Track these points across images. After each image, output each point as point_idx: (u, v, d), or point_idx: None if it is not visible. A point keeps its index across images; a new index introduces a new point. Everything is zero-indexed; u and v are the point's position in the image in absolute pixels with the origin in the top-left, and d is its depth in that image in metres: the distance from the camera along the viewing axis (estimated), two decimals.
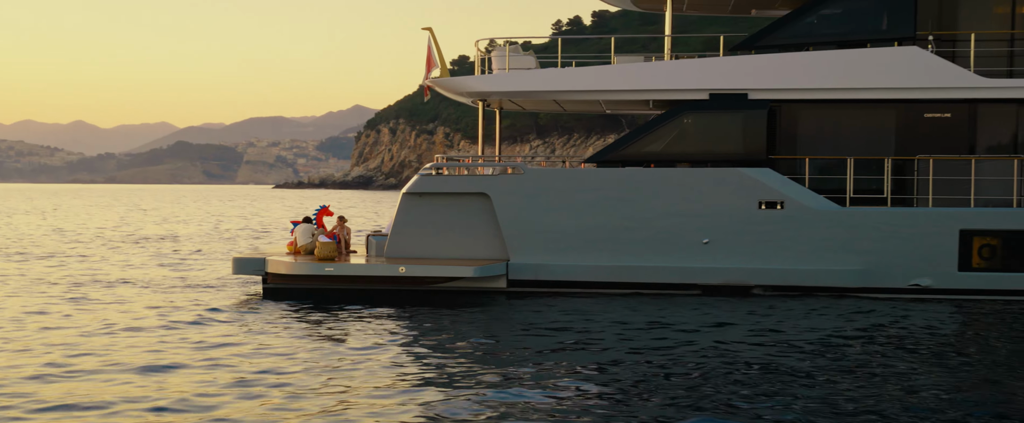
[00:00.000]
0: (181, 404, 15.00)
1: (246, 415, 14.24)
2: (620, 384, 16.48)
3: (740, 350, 19.64)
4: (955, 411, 14.72)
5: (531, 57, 30.37)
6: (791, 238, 27.89)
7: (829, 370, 17.69)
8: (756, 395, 15.68)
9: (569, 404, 14.97)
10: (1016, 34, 28.62)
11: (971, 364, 18.40)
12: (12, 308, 25.70)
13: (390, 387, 16.15)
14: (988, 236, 27.59)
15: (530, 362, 18.23)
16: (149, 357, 18.76)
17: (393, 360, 18.45)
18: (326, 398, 15.29)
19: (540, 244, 28.61)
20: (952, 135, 28.51)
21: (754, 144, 28.43)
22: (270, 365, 17.96)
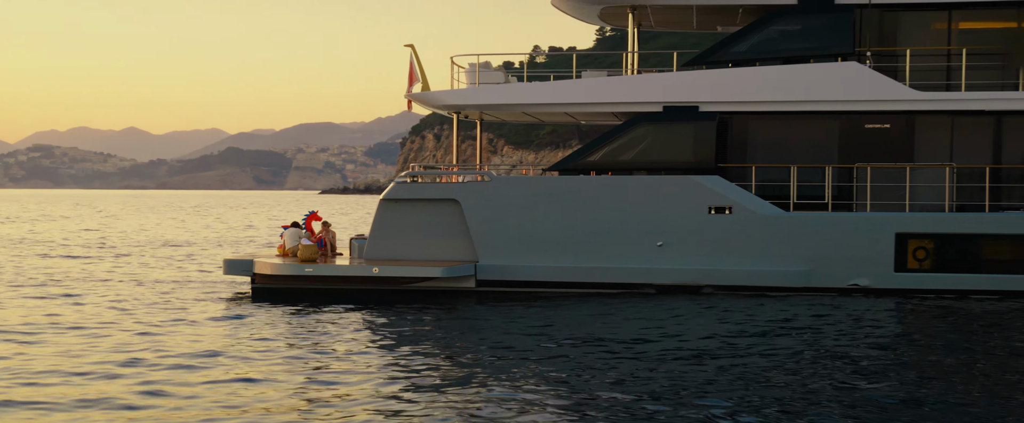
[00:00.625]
0: (161, 387, 17.17)
1: (217, 402, 16.10)
2: (582, 379, 17.77)
3: (701, 347, 21.27)
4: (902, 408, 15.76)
5: (501, 72, 32.56)
6: (739, 241, 29.92)
7: (780, 368, 18.93)
8: (712, 391, 16.70)
9: (530, 398, 16.29)
10: (952, 50, 30.51)
11: (910, 361, 19.92)
12: (14, 302, 28.17)
13: (355, 374, 17.95)
14: (922, 239, 29.50)
15: (492, 358, 19.85)
16: (138, 345, 21.06)
17: (361, 352, 20.21)
18: (297, 391, 16.78)
19: (506, 247, 30.79)
20: (891, 145, 30.45)
21: (704, 153, 30.49)
22: (244, 354, 20.17)
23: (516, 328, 23.75)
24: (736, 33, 31.08)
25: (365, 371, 18.41)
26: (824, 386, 17.13)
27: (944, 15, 30.68)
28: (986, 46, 30.64)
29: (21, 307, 27.75)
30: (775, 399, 16.30)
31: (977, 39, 30.75)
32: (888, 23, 30.79)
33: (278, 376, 17.91)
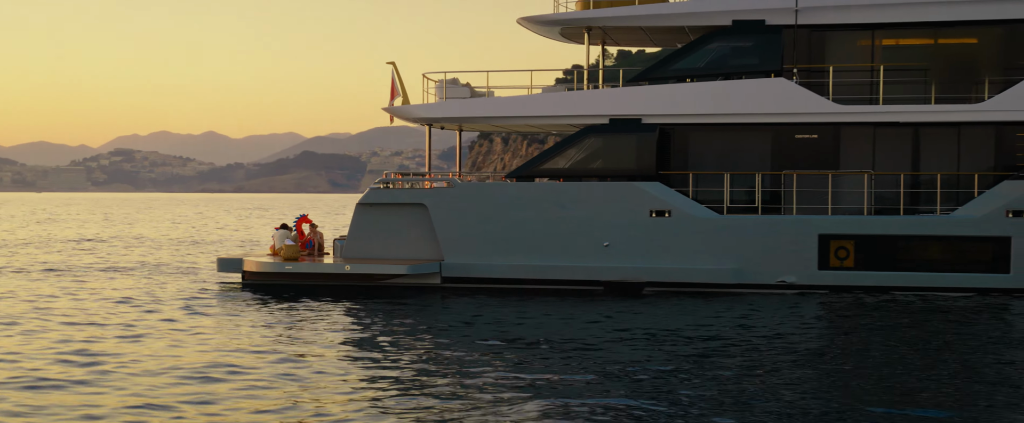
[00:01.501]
0: (149, 366, 20.50)
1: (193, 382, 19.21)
2: (537, 371, 19.07)
3: (643, 343, 23.17)
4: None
5: (466, 88, 35.79)
6: (677, 242, 32.91)
7: (725, 365, 20.07)
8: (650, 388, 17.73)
9: (487, 387, 17.55)
10: (875, 66, 33.28)
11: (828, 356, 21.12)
12: (25, 291, 31.80)
13: (323, 360, 20.72)
14: (843, 240, 32.32)
15: (442, 345, 22.16)
16: (125, 331, 24.51)
17: (330, 339, 22.92)
18: (272, 378, 18.74)
19: (469, 247, 34.02)
20: (819, 153, 33.28)
21: (645, 161, 33.51)
22: (218, 343, 23.51)
23: (468, 319, 26.73)
24: (677, 51, 34.05)
25: (327, 356, 20.97)
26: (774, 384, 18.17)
27: (868, 33, 33.44)
28: (906, 63, 33.33)
29: (17, 296, 31.31)
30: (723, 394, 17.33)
31: (898, 56, 33.46)
32: (816, 42, 33.59)
33: (249, 361, 20.50)
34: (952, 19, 32.76)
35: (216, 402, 16.60)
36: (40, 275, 39.42)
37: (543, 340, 22.92)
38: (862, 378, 18.55)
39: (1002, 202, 31.59)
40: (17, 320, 26.24)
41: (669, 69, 33.98)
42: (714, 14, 33.75)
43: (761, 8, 33.46)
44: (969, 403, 16.57)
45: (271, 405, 16.36)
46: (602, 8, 34.68)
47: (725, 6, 33.67)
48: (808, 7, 33.22)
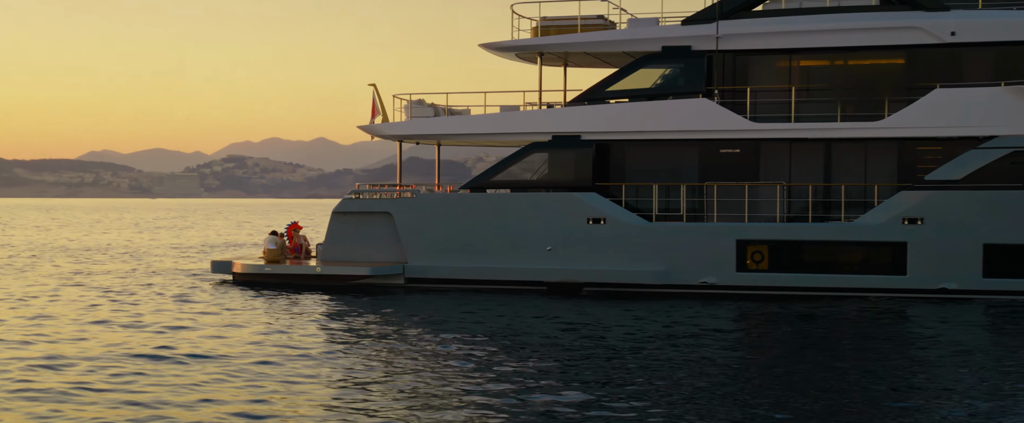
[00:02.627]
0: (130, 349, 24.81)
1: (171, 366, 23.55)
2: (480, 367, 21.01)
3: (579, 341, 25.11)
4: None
5: (431, 108, 39.85)
6: (611, 246, 36.62)
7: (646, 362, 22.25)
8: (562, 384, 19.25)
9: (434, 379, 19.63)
10: (789, 87, 36.64)
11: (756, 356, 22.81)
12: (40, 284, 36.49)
13: (288, 348, 24.92)
14: (758, 244, 35.78)
15: (407, 341, 24.24)
16: (118, 320, 28.91)
17: (297, 329, 26.66)
18: (245, 364, 21.16)
19: (429, 251, 38.06)
20: (740, 166, 36.76)
21: (583, 174, 37.27)
22: (194, 335, 27.80)
23: (416, 313, 30.64)
24: (613, 74, 37.72)
25: (296, 344, 24.97)
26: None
27: (786, 57, 36.82)
28: (819, 84, 36.66)
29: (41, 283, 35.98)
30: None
31: (812, 77, 36.79)
32: (740, 65, 37.06)
33: (231, 350, 24.77)
34: (860, 44, 35.99)
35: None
36: (69, 275, 44.18)
37: (489, 333, 26.05)
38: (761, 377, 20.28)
39: (899, 210, 34.79)
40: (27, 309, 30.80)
41: (605, 90, 37.67)
42: (646, 41, 37.39)
43: (687, 35, 37.03)
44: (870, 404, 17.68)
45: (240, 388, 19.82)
46: (550, 36, 38.47)
47: (655, 34, 37.30)
48: (728, 34, 36.70)
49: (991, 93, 34.42)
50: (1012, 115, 34.26)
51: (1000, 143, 34.32)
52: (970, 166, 34.44)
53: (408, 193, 38.86)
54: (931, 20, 35.31)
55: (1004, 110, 34.33)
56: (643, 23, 37.99)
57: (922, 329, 27.05)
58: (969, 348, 23.53)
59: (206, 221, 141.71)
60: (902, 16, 35.63)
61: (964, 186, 34.45)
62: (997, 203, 34.13)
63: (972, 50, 35.30)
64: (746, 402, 17.37)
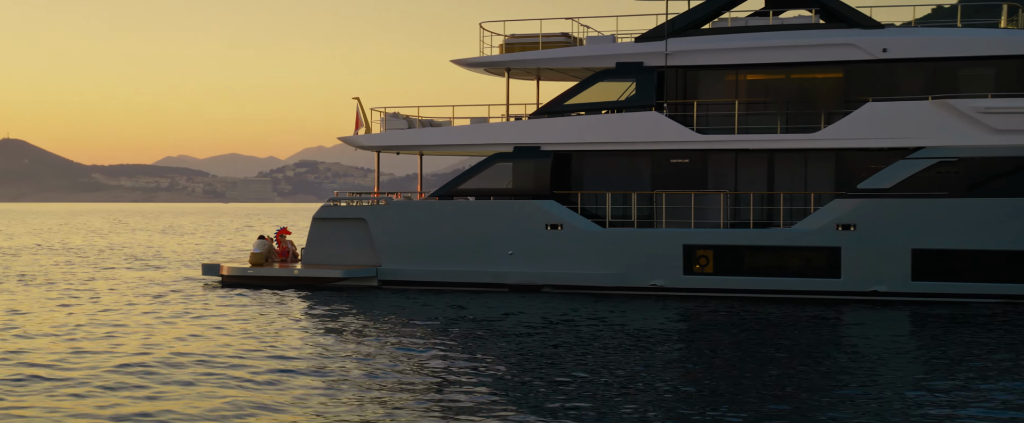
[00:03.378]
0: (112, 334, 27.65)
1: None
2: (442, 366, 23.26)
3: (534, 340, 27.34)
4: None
5: (404, 120, 42.44)
6: (568, 250, 39.00)
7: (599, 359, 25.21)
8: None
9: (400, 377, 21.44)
10: (733, 101, 38.79)
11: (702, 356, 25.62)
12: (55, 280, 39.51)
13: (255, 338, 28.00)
14: (703, 249, 37.98)
15: (375, 338, 28.42)
16: (110, 319, 31.79)
17: (271, 323, 29.94)
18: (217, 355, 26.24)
19: (400, 254, 40.66)
20: (689, 175, 38.98)
21: (542, 183, 39.68)
22: (176, 329, 30.64)
23: (382, 311, 33.28)
24: (571, 88, 40.08)
25: (267, 336, 28.20)
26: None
27: (732, 72, 38.98)
28: (762, 97, 38.77)
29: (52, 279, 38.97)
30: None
31: (757, 91, 38.90)
32: (690, 79, 39.27)
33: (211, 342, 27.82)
34: (801, 60, 38.08)
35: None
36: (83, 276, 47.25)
37: (449, 330, 28.33)
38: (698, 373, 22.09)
39: (833, 217, 36.85)
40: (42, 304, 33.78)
41: (563, 104, 40.06)
42: (602, 57, 39.73)
43: (640, 52, 39.32)
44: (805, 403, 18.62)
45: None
46: (515, 52, 40.92)
47: (610, 50, 39.62)
48: (677, 51, 38.95)
49: (919, 107, 36.37)
50: (938, 127, 36.18)
51: (927, 154, 36.24)
52: (899, 175, 36.40)
53: (382, 201, 41.44)
54: (865, 37, 37.31)
55: (931, 123, 36.26)
56: (600, 40, 40.32)
57: (853, 329, 28.91)
58: (896, 348, 25.21)
59: (261, 227, 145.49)
60: (839, 34, 37.67)
61: (893, 194, 36.42)
62: (924, 210, 36.07)
63: (904, 66, 37.25)
64: (688, 397, 18.60)
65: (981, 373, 21.16)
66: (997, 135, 35.68)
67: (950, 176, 36.01)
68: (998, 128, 35.56)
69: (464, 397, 18.46)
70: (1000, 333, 27.83)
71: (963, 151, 35.90)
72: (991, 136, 35.73)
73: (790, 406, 17.66)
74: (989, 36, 36.54)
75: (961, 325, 29.61)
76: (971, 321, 30.55)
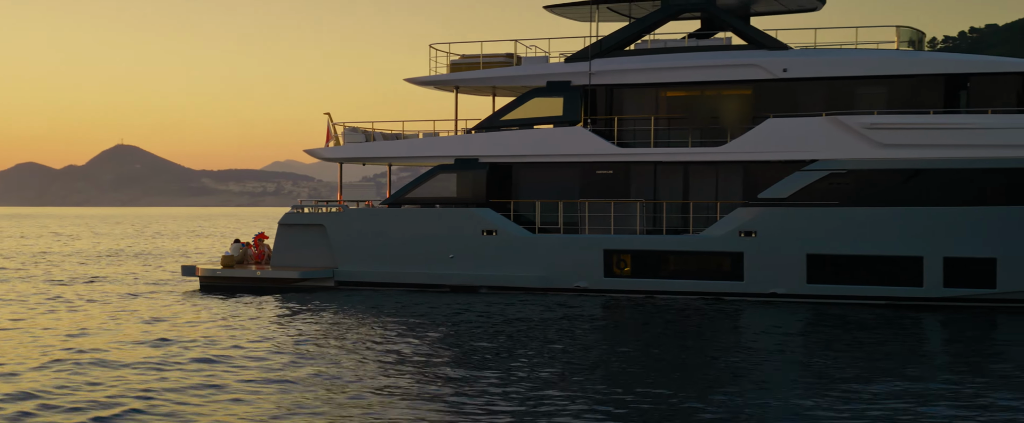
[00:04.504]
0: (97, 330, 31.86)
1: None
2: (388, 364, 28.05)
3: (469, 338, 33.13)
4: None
5: (361, 134, 46.24)
6: (502, 254, 42.48)
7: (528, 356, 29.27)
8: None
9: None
10: (650, 117, 41.95)
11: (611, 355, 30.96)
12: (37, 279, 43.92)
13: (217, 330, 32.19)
14: (622, 254, 41.23)
15: (332, 335, 33.21)
16: (98, 316, 36.07)
17: (234, 321, 34.38)
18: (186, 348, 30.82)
19: (355, 257, 44.47)
20: (614, 186, 42.23)
21: (478, 192, 43.20)
22: (154, 329, 34.83)
23: (335, 308, 37.16)
24: (507, 105, 43.55)
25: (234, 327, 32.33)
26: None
27: (652, 90, 42.13)
28: (678, 113, 41.88)
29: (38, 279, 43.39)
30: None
31: (675, 108, 42.00)
32: (615, 96, 42.53)
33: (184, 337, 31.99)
34: (713, 79, 41.15)
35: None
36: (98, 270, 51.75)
37: (390, 327, 32.23)
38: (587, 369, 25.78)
39: (736, 224, 39.87)
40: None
41: (500, 119, 43.56)
42: (533, 76, 43.17)
43: (568, 72, 42.68)
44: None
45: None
46: (459, 72, 44.51)
47: (542, 70, 43.04)
48: (600, 71, 42.23)
49: (813, 122, 39.25)
50: (830, 142, 39.03)
51: (820, 166, 39.10)
52: (795, 186, 39.30)
53: (338, 208, 45.29)
54: (768, 58, 40.28)
55: (824, 137, 39.12)
56: (534, 61, 43.77)
57: (754, 329, 31.71)
58: (791, 347, 27.66)
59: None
60: (746, 54, 40.68)
61: (789, 203, 39.34)
62: (817, 218, 38.94)
63: (804, 84, 40.16)
64: (602, 390, 20.46)
65: (865, 370, 23.39)
66: (882, 149, 38.42)
67: (840, 187, 38.83)
68: (883, 142, 38.30)
69: (399, 387, 20.65)
70: (884, 332, 30.53)
71: (851, 164, 38.69)
72: (877, 150, 38.48)
73: (684, 400, 19.38)
74: (881, 57, 39.31)
75: (850, 325, 32.49)
76: (860, 321, 33.38)
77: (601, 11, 44.28)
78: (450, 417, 17.72)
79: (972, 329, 31.32)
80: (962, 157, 37.50)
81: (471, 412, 18.11)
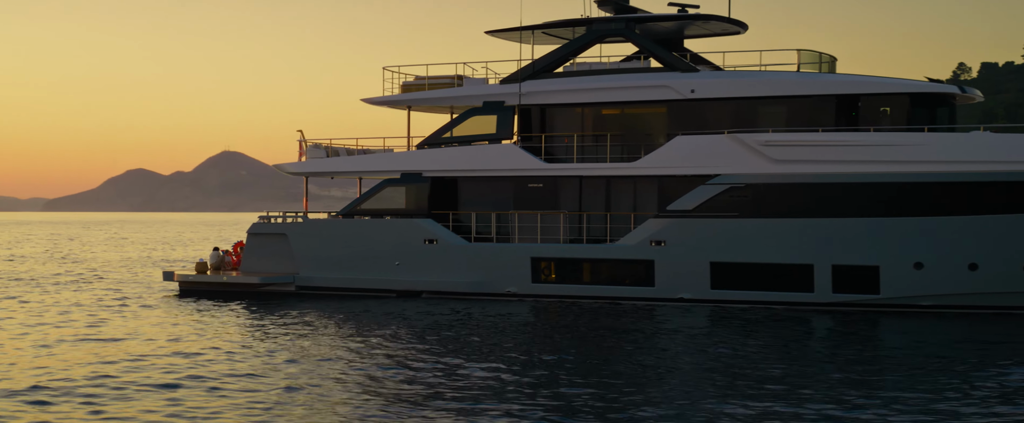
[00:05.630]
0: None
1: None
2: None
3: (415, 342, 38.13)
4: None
5: (322, 150, 50.06)
6: (442, 261, 46.01)
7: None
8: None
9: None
10: (574, 134, 45.16)
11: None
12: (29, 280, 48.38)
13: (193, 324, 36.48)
14: (547, 261, 44.54)
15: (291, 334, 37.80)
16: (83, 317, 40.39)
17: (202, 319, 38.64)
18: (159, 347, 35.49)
19: (314, 264, 48.30)
20: (545, 198, 45.54)
21: (421, 204, 46.76)
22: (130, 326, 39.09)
23: (295, 310, 41.15)
24: (448, 123, 47.06)
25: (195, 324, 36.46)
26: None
27: (578, 109, 45.35)
28: (602, 131, 45.03)
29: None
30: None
31: (599, 126, 45.16)
32: (548, 115, 45.83)
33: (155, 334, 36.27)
34: (631, 99, 44.27)
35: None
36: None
37: (350, 327, 36.55)
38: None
39: (648, 234, 42.94)
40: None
41: (441, 137, 47.09)
42: (472, 97, 46.64)
43: (502, 93, 46.08)
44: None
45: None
46: (409, 93, 48.15)
47: (480, 91, 46.48)
48: (530, 92, 45.56)
49: (715, 140, 42.19)
50: (730, 158, 41.94)
51: (721, 180, 42.03)
52: (699, 199, 42.28)
53: (299, 218, 49.16)
54: (678, 80, 43.31)
55: (725, 154, 42.04)
56: (473, 82, 47.25)
57: (663, 330, 34.79)
58: (695, 347, 30.80)
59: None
60: (660, 76, 43.75)
61: (694, 215, 42.32)
62: (719, 229, 41.88)
63: (712, 104, 43.13)
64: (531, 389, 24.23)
65: (757, 367, 26.25)
66: (776, 164, 41.26)
67: (739, 200, 41.73)
68: (777, 158, 41.14)
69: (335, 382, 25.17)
70: (777, 333, 33.60)
71: (749, 178, 41.58)
72: (772, 165, 41.33)
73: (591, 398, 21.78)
74: (780, 78, 42.15)
75: (752, 326, 35.57)
76: (759, 323, 36.40)
77: (536, 35, 47.61)
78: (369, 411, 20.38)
79: (858, 331, 34.13)
80: (848, 172, 40.20)
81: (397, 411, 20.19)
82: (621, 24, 45.05)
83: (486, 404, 20.85)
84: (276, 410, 20.27)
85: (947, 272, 39.74)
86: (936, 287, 39.95)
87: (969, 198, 39.16)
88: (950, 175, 39.22)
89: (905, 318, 38.24)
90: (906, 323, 36.58)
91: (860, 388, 22.89)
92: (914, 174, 39.55)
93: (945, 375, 24.86)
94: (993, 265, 39.30)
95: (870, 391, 22.52)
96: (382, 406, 20.57)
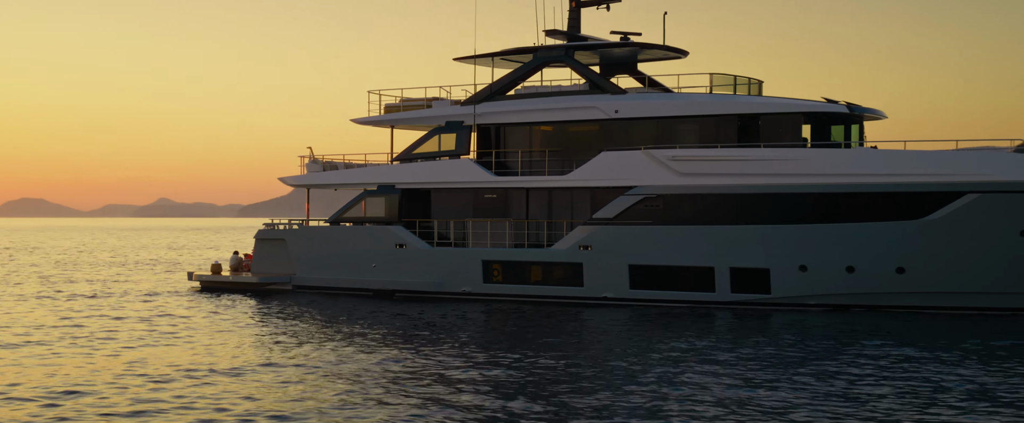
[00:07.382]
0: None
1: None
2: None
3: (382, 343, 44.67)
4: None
5: (319, 164, 56.31)
6: (409, 264, 51.83)
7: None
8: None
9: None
10: (519, 150, 50.47)
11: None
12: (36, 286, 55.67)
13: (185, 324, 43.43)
14: (496, 263, 49.99)
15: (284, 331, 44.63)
16: (100, 315, 47.53)
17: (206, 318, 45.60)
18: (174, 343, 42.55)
19: (309, 266, 54.60)
20: (498, 207, 50.98)
21: (393, 213, 52.64)
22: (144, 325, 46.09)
23: (285, 306, 47.62)
24: (417, 141, 52.80)
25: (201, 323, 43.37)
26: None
27: (528, 128, 50.65)
28: (544, 147, 50.25)
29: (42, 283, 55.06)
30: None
31: (545, 142, 50.38)
32: (501, 133, 51.26)
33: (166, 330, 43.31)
34: (569, 118, 49.40)
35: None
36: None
37: (329, 324, 43.18)
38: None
39: (577, 239, 48.03)
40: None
41: (412, 153, 52.91)
42: (438, 117, 52.34)
43: (460, 113, 51.68)
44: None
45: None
46: (389, 114, 54.11)
47: (444, 112, 52.17)
48: (483, 113, 51.05)
49: (633, 155, 47.05)
50: (645, 171, 46.74)
51: (637, 191, 46.86)
52: (619, 208, 47.18)
53: (295, 225, 55.52)
54: (604, 101, 48.31)
55: (640, 167, 46.87)
56: (441, 103, 52.94)
57: (592, 327, 40.50)
58: (615, 342, 36.98)
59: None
60: (590, 98, 48.79)
61: (615, 222, 47.25)
62: (635, 235, 46.74)
63: (634, 122, 47.99)
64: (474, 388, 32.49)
65: (676, 361, 31.04)
66: (682, 177, 45.93)
67: (652, 208, 46.50)
68: (683, 172, 45.83)
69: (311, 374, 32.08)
70: (693, 329, 38.80)
71: (660, 189, 46.34)
72: (678, 178, 46.02)
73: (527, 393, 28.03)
74: (693, 100, 46.81)
75: (668, 322, 40.67)
76: (673, 320, 41.42)
77: (496, 61, 53.04)
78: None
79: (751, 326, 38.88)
80: (743, 183, 44.67)
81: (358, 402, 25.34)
82: (561, 52, 50.19)
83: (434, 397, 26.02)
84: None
85: (828, 274, 43.88)
86: (819, 287, 44.10)
87: (847, 207, 43.25)
88: (830, 187, 43.37)
89: (792, 314, 42.53)
90: (792, 318, 40.96)
91: (756, 374, 27.58)
92: (799, 186, 43.81)
93: (829, 363, 29.18)
94: (868, 268, 43.31)
95: (763, 378, 27.47)
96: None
